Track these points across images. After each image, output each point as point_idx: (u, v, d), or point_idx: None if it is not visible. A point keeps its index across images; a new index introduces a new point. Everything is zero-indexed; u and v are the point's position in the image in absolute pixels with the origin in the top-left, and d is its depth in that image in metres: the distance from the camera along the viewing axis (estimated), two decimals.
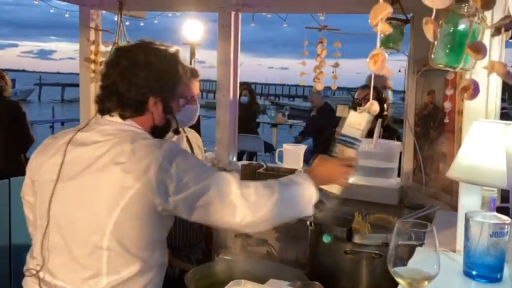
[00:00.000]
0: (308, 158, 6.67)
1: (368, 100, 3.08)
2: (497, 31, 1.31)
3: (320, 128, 6.25)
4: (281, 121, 7.81)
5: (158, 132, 1.52)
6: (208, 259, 2.31)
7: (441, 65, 1.40)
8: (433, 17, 1.30)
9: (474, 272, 1.28)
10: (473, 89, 1.11)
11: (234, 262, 1.85)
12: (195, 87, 2.11)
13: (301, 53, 2.68)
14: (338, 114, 4.36)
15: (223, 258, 1.94)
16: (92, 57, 3.29)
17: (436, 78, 2.25)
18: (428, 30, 1.10)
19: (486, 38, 1.35)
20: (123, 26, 3.14)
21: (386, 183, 2.60)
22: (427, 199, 2.33)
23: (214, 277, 1.74)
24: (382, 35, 2.63)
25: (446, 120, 1.98)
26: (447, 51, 1.34)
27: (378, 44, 1.06)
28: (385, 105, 3.13)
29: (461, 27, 1.31)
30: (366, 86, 3.31)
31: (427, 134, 2.35)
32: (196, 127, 4.50)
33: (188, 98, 2.00)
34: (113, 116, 1.47)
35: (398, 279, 0.93)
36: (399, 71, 3.91)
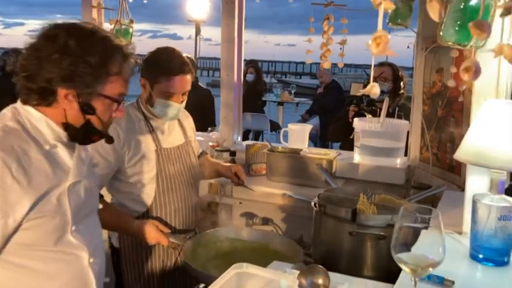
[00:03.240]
0: (314, 137, 6.63)
1: (384, 78, 3.04)
2: (506, 11, 1.26)
3: (327, 106, 6.19)
4: (287, 99, 7.75)
5: (77, 134, 1.31)
6: None
7: (450, 43, 1.35)
8: None
9: (481, 255, 1.26)
10: (475, 71, 1.07)
11: (227, 231, 1.86)
12: (181, 84, 1.95)
13: (308, 30, 2.62)
14: (352, 93, 4.29)
15: (220, 229, 1.95)
16: None
17: (445, 56, 2.19)
18: (433, 9, 1.05)
19: (497, 19, 1.29)
20: (125, 4, 3.09)
21: (393, 163, 2.57)
22: (434, 179, 2.30)
23: (213, 245, 1.76)
24: (390, 11, 2.56)
25: (461, 99, 1.94)
26: (457, 28, 1.28)
27: (380, 25, 1.02)
28: (401, 84, 3.07)
29: (473, 2, 1.26)
30: (382, 64, 3.22)
31: (435, 113, 2.31)
32: (211, 109, 4.48)
33: (168, 94, 1.93)
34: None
35: (402, 266, 0.91)
36: (408, 47, 3.84)
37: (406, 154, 2.64)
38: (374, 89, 1.03)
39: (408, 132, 2.59)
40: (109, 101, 1.30)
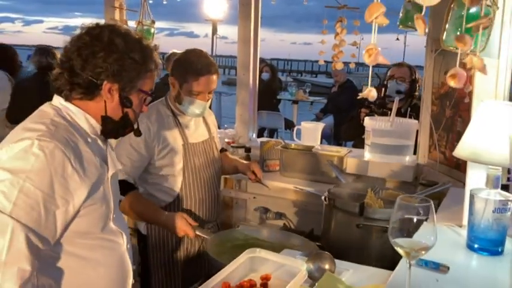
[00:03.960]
0: (328, 136, 6.68)
1: (402, 79, 3.10)
2: (476, 29, 1.36)
3: (341, 105, 6.25)
4: (302, 98, 7.81)
5: (113, 127, 1.37)
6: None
7: (451, 47, 1.45)
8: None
9: (476, 245, 1.35)
10: (459, 78, 1.20)
11: (249, 230, 1.96)
12: (208, 83, 2.07)
13: (322, 32, 2.70)
14: (363, 95, 4.35)
15: (240, 227, 2.05)
16: None
17: (453, 58, 2.26)
18: (419, 25, 1.19)
19: (497, 21, 1.38)
20: (147, 5, 3.22)
21: (402, 161, 2.66)
22: (441, 176, 2.38)
23: (232, 243, 1.84)
24: (401, 14, 2.63)
25: (467, 100, 2.02)
26: (458, 33, 1.38)
27: (373, 38, 1.16)
28: (417, 85, 3.13)
29: (473, 10, 1.35)
30: (400, 64, 3.26)
31: (443, 113, 2.39)
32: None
33: (195, 92, 2.05)
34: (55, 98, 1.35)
35: (398, 249, 1.01)
36: (397, 39, 3.98)
37: (415, 152, 2.72)
38: (372, 93, 1.15)
39: (417, 131, 2.67)
40: (143, 95, 1.40)
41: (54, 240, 1.21)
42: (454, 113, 2.28)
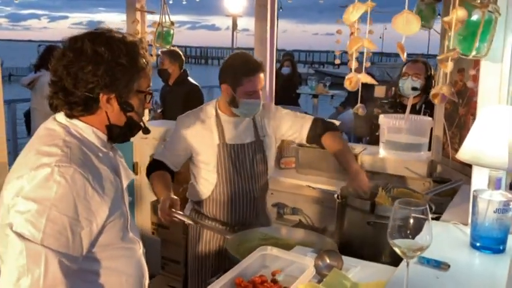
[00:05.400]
0: (348, 129, 6.65)
1: (418, 75, 3.12)
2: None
3: (360, 99, 6.25)
4: (322, 92, 7.81)
5: (119, 132, 1.37)
6: None
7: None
8: (451, 6, 1.40)
9: (479, 244, 1.41)
10: (442, 97, 1.30)
11: (269, 229, 2.03)
12: (259, 81, 2.15)
13: (336, 32, 2.73)
14: (376, 95, 4.35)
15: (259, 228, 2.12)
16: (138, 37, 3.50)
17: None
18: (400, 51, 1.33)
19: (500, 27, 1.42)
20: (166, 7, 3.32)
21: (417, 158, 2.70)
22: (454, 173, 2.42)
23: (252, 242, 1.91)
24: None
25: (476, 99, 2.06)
26: (461, 40, 1.43)
27: (353, 66, 1.32)
28: (432, 82, 3.14)
29: (474, 17, 1.40)
30: (416, 61, 3.20)
31: (456, 111, 2.42)
32: (198, 104, 4.52)
33: (250, 92, 2.12)
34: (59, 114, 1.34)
35: (396, 249, 1.08)
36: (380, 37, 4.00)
37: (429, 149, 2.76)
38: (360, 110, 1.32)
39: (432, 128, 2.70)
40: (142, 95, 1.38)
41: (82, 257, 1.25)
42: (466, 111, 2.32)
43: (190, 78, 4.44)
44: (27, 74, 4.88)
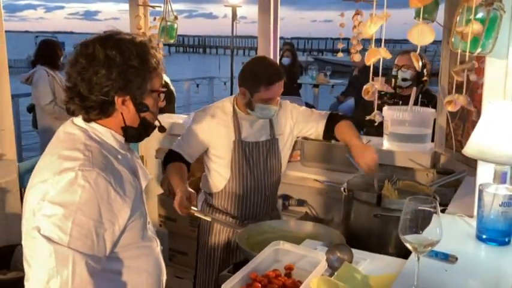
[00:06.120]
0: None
1: (408, 67, 3.15)
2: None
3: (360, 89, 6.26)
4: (323, 81, 7.80)
5: (135, 133, 1.40)
6: None
7: (459, 50, 1.53)
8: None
9: (485, 236, 1.45)
10: (455, 103, 1.33)
11: (277, 222, 2.08)
12: (278, 90, 2.18)
13: (346, 4, 2.68)
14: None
15: (268, 221, 2.16)
16: (141, 31, 3.51)
17: None
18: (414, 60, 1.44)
19: (505, 25, 1.45)
20: (169, 2, 3.32)
21: (420, 149, 2.73)
22: (458, 165, 2.46)
23: (261, 236, 1.95)
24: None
25: (480, 91, 2.09)
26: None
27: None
28: (424, 71, 3.17)
29: (480, 15, 1.42)
30: (406, 51, 3.30)
31: None
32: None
33: (267, 100, 2.15)
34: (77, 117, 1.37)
35: (407, 245, 1.13)
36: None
37: (432, 140, 2.79)
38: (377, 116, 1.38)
39: (435, 119, 2.74)
40: (156, 94, 1.40)
41: (105, 257, 1.29)
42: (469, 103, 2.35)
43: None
44: (25, 66, 4.91)
